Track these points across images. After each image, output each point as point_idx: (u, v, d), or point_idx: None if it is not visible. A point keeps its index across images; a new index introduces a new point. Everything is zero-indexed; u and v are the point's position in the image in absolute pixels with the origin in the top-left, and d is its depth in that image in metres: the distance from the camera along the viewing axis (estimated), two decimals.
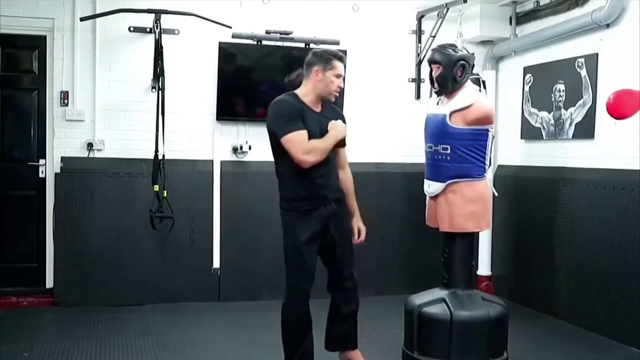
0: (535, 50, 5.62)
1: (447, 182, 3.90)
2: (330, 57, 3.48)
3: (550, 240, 5.28)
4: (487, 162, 3.98)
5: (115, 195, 5.41)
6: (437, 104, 4.05)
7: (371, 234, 5.86)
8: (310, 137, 3.41)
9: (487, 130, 3.91)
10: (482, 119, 3.87)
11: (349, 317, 3.77)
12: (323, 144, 3.44)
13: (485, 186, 3.97)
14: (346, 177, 3.75)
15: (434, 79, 3.97)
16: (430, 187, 4.03)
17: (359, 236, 3.77)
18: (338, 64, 3.49)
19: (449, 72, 3.88)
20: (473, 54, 4.20)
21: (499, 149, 6.10)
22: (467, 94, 3.90)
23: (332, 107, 3.68)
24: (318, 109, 3.55)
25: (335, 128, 3.52)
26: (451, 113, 3.86)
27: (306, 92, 3.52)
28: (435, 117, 3.98)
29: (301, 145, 3.35)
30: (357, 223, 3.77)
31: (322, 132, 3.49)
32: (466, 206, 3.87)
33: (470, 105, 3.84)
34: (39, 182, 5.49)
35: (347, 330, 3.77)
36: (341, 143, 3.63)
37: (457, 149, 3.86)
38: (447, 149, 3.88)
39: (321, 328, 3.80)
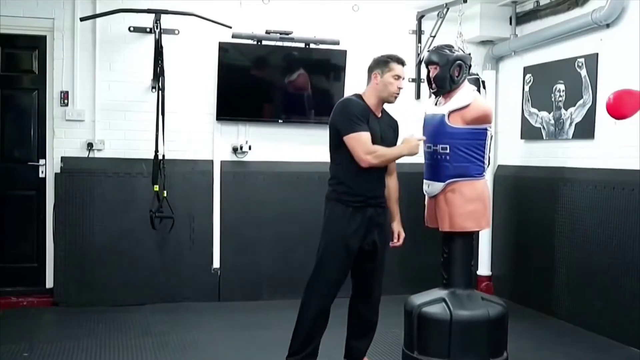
0: (535, 50, 5.62)
1: (446, 182, 3.91)
2: (388, 60, 3.59)
3: (550, 240, 5.28)
4: (486, 162, 3.98)
5: (115, 195, 5.41)
6: (435, 104, 4.07)
7: None
8: (371, 140, 3.53)
9: (486, 130, 3.92)
10: (480, 118, 3.88)
11: (374, 328, 3.90)
12: (390, 153, 3.60)
13: (484, 185, 3.98)
14: (393, 184, 3.86)
15: (432, 79, 3.98)
16: (430, 187, 4.03)
17: (398, 239, 3.89)
18: (396, 66, 3.59)
19: (446, 72, 3.89)
20: (469, 54, 4.21)
21: (499, 149, 6.10)
22: (465, 93, 3.91)
23: (389, 114, 3.80)
24: (379, 114, 3.66)
25: (409, 143, 3.64)
26: (449, 113, 3.88)
27: (369, 95, 3.63)
28: (434, 117, 3.99)
29: (365, 145, 3.47)
30: (398, 227, 3.91)
31: (382, 138, 3.61)
32: (466, 205, 3.87)
33: (468, 104, 3.85)
34: (39, 182, 5.49)
35: (369, 341, 3.91)
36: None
37: (456, 148, 3.86)
38: (446, 148, 3.88)
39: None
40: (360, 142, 3.47)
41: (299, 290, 5.70)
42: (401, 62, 3.62)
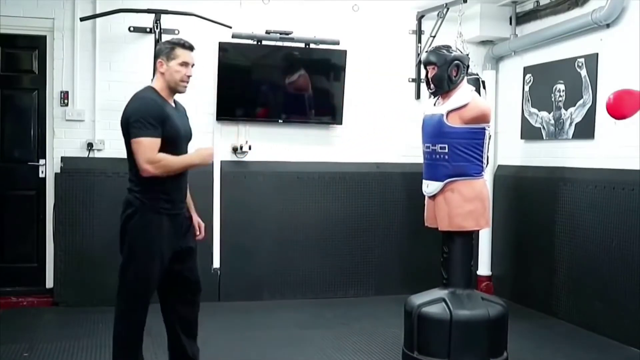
0: (535, 50, 5.62)
1: (445, 181, 3.92)
2: (173, 46, 3.28)
3: (550, 240, 5.28)
4: (485, 161, 3.98)
5: (115, 195, 5.33)
6: (434, 104, 4.09)
7: (371, 234, 5.94)
8: (176, 135, 3.24)
9: (484, 129, 3.93)
10: (479, 117, 3.89)
11: None
12: (177, 163, 3.22)
13: (483, 185, 3.99)
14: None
15: (430, 80, 4.01)
16: (429, 186, 4.04)
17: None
18: (182, 52, 3.28)
19: (444, 72, 3.92)
20: (468, 54, 4.23)
21: (499, 149, 6.10)
22: (463, 93, 3.93)
23: (179, 104, 3.46)
24: (173, 105, 3.35)
25: (201, 155, 3.30)
26: (448, 112, 3.90)
27: (158, 85, 3.29)
28: (432, 117, 4.01)
29: (148, 153, 3.10)
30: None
31: (185, 130, 3.35)
32: (465, 205, 3.88)
33: (467, 104, 3.88)
34: (39, 182, 5.49)
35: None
36: None
37: (455, 147, 3.87)
38: (444, 148, 3.89)
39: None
40: (144, 148, 3.09)
41: (299, 290, 5.76)
42: (186, 46, 3.30)
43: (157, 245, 3.25)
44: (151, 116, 3.14)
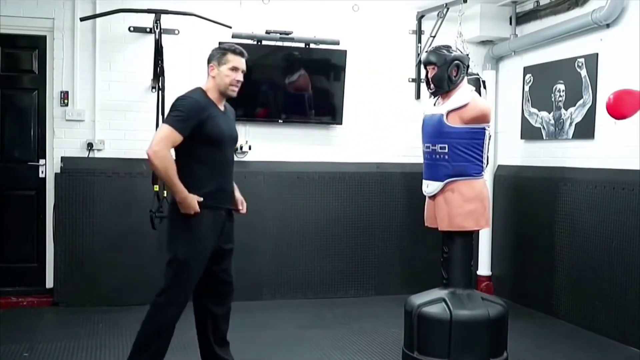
0: (535, 50, 5.62)
1: (445, 181, 3.92)
2: (225, 51, 3.41)
3: (550, 240, 5.28)
4: (485, 161, 3.98)
5: (115, 195, 5.41)
6: (434, 104, 4.09)
7: (371, 234, 5.94)
8: (220, 136, 3.36)
9: (484, 129, 3.93)
10: (479, 117, 3.89)
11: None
12: (170, 178, 3.26)
13: (483, 185, 3.99)
14: None
15: (430, 80, 4.01)
16: (429, 186, 4.04)
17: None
18: (233, 57, 3.39)
19: (444, 72, 3.92)
20: (467, 54, 4.23)
21: (499, 149, 6.10)
22: (463, 93, 3.94)
23: (229, 107, 3.57)
24: (222, 108, 3.45)
25: (187, 202, 3.28)
26: (448, 112, 3.90)
27: (208, 88, 3.42)
28: (432, 117, 4.02)
29: (165, 140, 3.22)
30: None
31: (230, 133, 3.46)
32: (465, 205, 3.88)
33: (467, 104, 3.88)
34: (39, 182, 5.49)
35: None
36: None
37: (455, 147, 3.88)
38: (444, 148, 3.90)
39: None
40: (164, 136, 3.22)
41: (299, 290, 5.76)
42: (237, 52, 3.41)
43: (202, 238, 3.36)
44: (189, 114, 3.26)
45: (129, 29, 5.46)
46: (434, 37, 5.75)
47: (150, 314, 3.48)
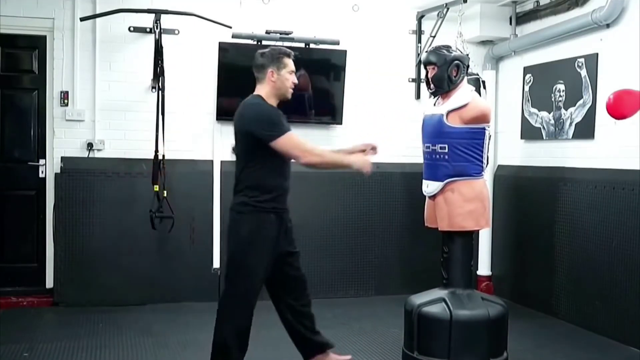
0: (535, 50, 5.62)
1: (445, 181, 3.92)
2: (281, 56, 3.49)
3: (550, 240, 5.28)
4: (485, 161, 3.98)
5: (115, 195, 5.41)
6: (434, 105, 4.09)
7: (371, 234, 5.94)
8: None
9: (484, 129, 3.93)
10: (479, 117, 3.89)
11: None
12: (330, 159, 3.53)
13: (483, 185, 3.99)
14: None
15: (430, 80, 4.01)
16: (429, 186, 4.04)
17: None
18: (289, 61, 3.51)
19: (443, 72, 3.92)
20: (467, 54, 4.23)
21: (499, 149, 6.10)
22: (463, 93, 3.94)
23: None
24: None
25: (361, 162, 3.54)
26: (448, 113, 3.90)
27: (267, 94, 3.49)
28: (432, 117, 4.02)
29: (300, 144, 3.39)
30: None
31: None
32: (465, 205, 3.88)
33: (467, 104, 3.88)
34: (39, 182, 5.49)
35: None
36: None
37: (455, 147, 3.88)
38: (444, 148, 3.90)
39: None
40: (295, 141, 3.38)
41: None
42: (290, 55, 3.53)
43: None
44: (277, 116, 3.42)
45: (129, 29, 5.46)
46: (434, 37, 5.74)
47: (218, 319, 3.57)
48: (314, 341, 3.76)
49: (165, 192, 5.21)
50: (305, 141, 3.43)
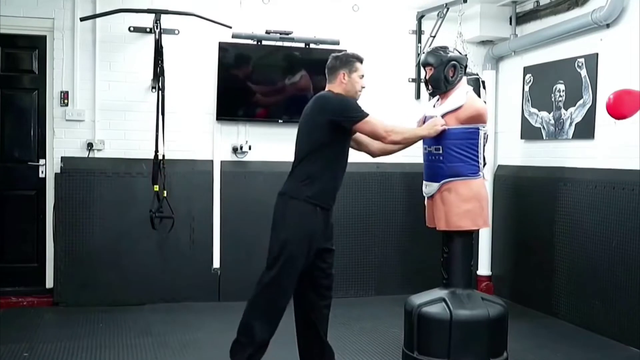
0: (535, 50, 5.62)
1: (441, 182, 3.93)
2: (353, 60, 3.69)
3: (550, 240, 5.28)
4: (481, 161, 3.98)
5: (115, 195, 5.41)
6: (434, 106, 4.10)
7: (371, 234, 5.94)
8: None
9: (478, 129, 3.93)
10: (475, 117, 3.91)
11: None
12: (409, 134, 3.83)
13: (481, 185, 3.99)
14: (378, 146, 3.93)
15: (427, 80, 4.02)
16: (427, 187, 4.06)
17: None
18: (360, 66, 3.70)
19: (440, 73, 3.94)
20: (466, 54, 4.23)
21: (499, 149, 6.10)
22: (459, 94, 3.95)
23: None
24: None
25: (431, 126, 3.85)
26: (443, 115, 3.91)
27: (338, 94, 3.67)
28: (430, 119, 4.03)
29: (382, 123, 3.61)
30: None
31: None
32: (462, 204, 3.89)
33: (462, 105, 3.89)
34: (39, 182, 5.49)
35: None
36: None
37: (449, 148, 3.89)
38: (439, 149, 3.92)
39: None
40: (376, 122, 3.59)
41: None
42: (362, 61, 3.73)
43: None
44: (357, 103, 3.63)
45: (129, 29, 5.46)
46: (434, 37, 5.74)
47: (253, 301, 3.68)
48: (322, 346, 3.77)
49: (165, 192, 5.20)
50: (379, 123, 3.61)
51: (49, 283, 5.43)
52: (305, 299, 3.73)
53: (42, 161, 5.49)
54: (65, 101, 5.36)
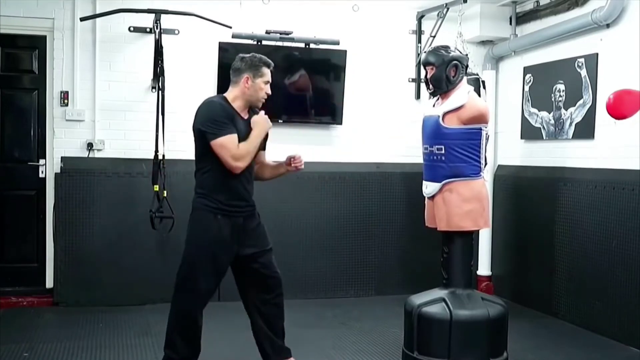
0: (535, 50, 5.62)
1: (442, 182, 3.93)
2: (260, 64, 3.51)
3: (550, 240, 5.28)
4: (483, 161, 3.98)
5: (115, 195, 5.41)
6: (434, 105, 4.10)
7: (371, 234, 5.94)
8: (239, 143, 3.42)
9: (480, 130, 3.93)
10: (476, 117, 3.90)
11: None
12: (249, 145, 3.42)
13: (482, 185, 3.99)
14: (268, 172, 3.88)
15: (428, 80, 4.01)
16: (428, 187, 4.05)
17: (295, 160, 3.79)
18: (267, 71, 3.51)
19: (442, 72, 3.93)
20: (467, 54, 4.23)
21: (499, 149, 6.10)
22: (460, 94, 3.94)
23: (256, 112, 3.65)
24: (245, 116, 3.54)
25: (257, 124, 3.49)
26: (444, 114, 3.91)
27: (234, 97, 3.51)
28: (430, 118, 4.04)
29: (233, 151, 3.34)
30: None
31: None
32: (463, 205, 3.89)
33: (463, 105, 3.88)
34: (39, 182, 5.49)
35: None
36: (262, 145, 3.61)
37: (451, 148, 3.89)
38: (441, 149, 3.91)
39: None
40: (228, 149, 3.33)
41: (299, 290, 5.75)
42: (270, 66, 3.54)
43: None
44: (221, 116, 3.37)
45: (129, 29, 5.46)
46: (434, 37, 5.74)
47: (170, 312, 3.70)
48: (279, 345, 3.79)
49: (165, 192, 5.20)
50: (232, 149, 3.33)
51: (49, 283, 5.43)
52: (254, 304, 3.77)
53: (42, 161, 5.49)
54: (65, 101, 5.36)
